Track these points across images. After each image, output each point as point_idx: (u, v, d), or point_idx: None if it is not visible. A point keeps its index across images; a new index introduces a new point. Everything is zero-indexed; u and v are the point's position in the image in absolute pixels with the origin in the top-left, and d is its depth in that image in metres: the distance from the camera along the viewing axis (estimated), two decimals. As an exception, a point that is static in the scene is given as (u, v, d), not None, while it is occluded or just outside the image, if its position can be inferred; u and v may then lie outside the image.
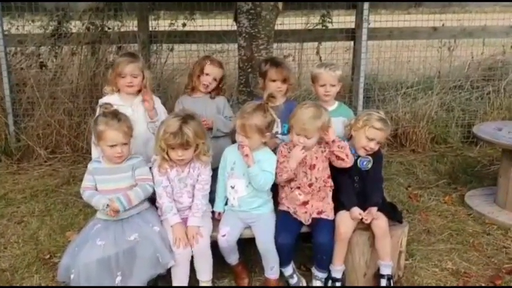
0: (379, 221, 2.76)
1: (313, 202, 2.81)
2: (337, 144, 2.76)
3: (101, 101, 3.10)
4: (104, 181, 2.71)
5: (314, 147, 2.81)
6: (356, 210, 2.78)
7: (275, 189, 2.92)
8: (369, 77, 5.59)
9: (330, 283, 2.84)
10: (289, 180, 2.82)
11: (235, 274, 2.93)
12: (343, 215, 2.81)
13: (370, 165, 2.90)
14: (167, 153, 2.67)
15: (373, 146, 2.87)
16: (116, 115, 2.70)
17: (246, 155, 2.66)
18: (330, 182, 2.87)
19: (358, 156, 2.89)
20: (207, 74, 3.22)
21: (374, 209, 2.78)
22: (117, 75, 3.07)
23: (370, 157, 2.89)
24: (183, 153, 2.65)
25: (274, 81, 3.17)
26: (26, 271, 3.04)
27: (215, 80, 3.25)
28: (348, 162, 2.78)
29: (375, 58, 5.87)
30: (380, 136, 2.86)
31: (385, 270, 2.79)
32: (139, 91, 3.15)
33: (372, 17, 5.34)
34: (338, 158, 2.77)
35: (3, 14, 5.10)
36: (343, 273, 2.85)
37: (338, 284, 2.83)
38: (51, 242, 3.38)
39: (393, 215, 2.88)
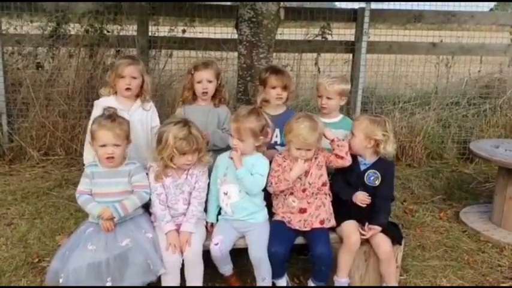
0: (384, 246, 2.72)
1: (311, 210, 2.77)
2: (336, 143, 2.76)
3: (98, 102, 3.06)
4: (100, 184, 2.66)
5: None
6: (360, 193, 2.77)
7: (269, 199, 2.88)
8: (366, 90, 5.61)
9: None
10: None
11: (229, 285, 2.87)
12: (351, 224, 2.78)
13: (378, 182, 2.83)
14: (171, 160, 2.63)
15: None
16: (111, 116, 2.66)
17: (235, 155, 2.67)
18: (325, 190, 2.83)
19: (366, 170, 2.85)
20: (198, 82, 3.12)
21: (378, 229, 2.74)
22: (116, 76, 3.05)
23: (378, 173, 2.83)
24: (192, 157, 2.64)
25: (274, 88, 3.13)
26: (13, 274, 2.97)
27: (209, 81, 3.13)
28: (346, 161, 2.76)
29: (373, 71, 5.89)
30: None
31: None
32: (137, 96, 3.13)
33: (371, 31, 5.37)
34: (337, 156, 2.75)
35: (2, 14, 5.08)
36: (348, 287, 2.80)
37: None
38: (40, 246, 3.31)
39: (395, 236, 2.80)
